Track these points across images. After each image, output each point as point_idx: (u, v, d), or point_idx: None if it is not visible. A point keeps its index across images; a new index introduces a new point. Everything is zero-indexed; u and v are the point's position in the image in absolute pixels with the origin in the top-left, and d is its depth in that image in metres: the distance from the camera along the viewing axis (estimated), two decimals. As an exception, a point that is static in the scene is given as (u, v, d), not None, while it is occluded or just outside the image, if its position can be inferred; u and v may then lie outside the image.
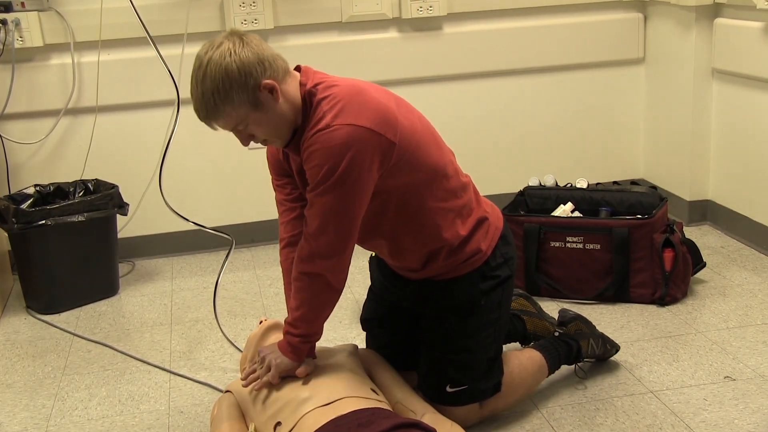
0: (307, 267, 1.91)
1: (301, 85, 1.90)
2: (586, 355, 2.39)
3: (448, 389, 2.09)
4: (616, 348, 2.47)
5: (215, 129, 1.92)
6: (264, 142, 1.93)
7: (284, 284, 2.12)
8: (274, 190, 2.12)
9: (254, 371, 2.02)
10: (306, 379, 1.97)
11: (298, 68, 1.95)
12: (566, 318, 2.46)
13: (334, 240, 1.87)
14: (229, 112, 1.83)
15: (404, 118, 1.90)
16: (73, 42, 3.29)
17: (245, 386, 2.01)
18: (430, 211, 1.97)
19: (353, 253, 1.94)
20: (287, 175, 2.05)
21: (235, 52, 1.80)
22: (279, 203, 2.11)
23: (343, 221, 1.86)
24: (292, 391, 1.94)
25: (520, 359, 2.24)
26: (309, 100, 1.88)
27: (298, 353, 1.97)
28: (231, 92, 1.80)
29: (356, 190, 1.83)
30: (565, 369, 2.40)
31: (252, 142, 1.93)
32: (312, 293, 1.94)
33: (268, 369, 1.97)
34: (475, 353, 2.09)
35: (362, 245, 2.09)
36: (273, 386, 1.98)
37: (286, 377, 1.99)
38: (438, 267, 2.04)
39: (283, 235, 2.10)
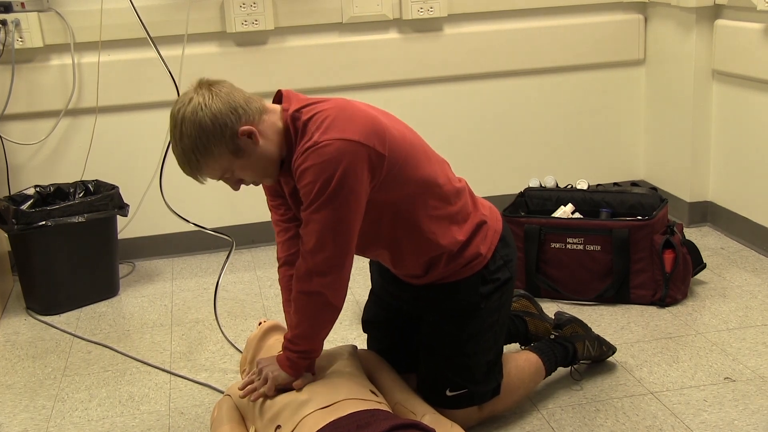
0: (306, 286, 1.89)
1: (284, 111, 1.89)
2: (582, 357, 2.39)
3: (448, 393, 2.09)
4: (612, 350, 2.47)
5: (203, 183, 1.92)
6: (255, 184, 1.94)
7: (283, 301, 2.12)
8: (270, 211, 2.12)
9: (251, 382, 2.01)
10: (305, 382, 1.98)
11: (279, 94, 1.94)
12: (562, 321, 2.46)
13: (331, 256, 1.86)
14: (212, 164, 1.84)
15: (393, 128, 1.90)
16: (73, 43, 3.28)
17: (242, 396, 2.01)
18: (423, 220, 1.96)
19: (355, 258, 1.93)
20: (281, 195, 2.05)
21: (205, 105, 1.80)
22: (275, 223, 2.11)
23: (339, 236, 1.84)
24: (291, 393, 1.93)
25: (518, 361, 2.24)
26: (294, 124, 1.87)
27: (297, 369, 1.96)
28: (210, 146, 1.81)
29: (350, 204, 1.82)
30: (563, 370, 2.40)
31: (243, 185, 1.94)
32: (311, 312, 1.92)
33: (265, 381, 1.97)
34: (474, 356, 2.09)
35: (364, 255, 2.08)
36: None
37: None
38: (439, 272, 2.04)
39: (280, 255, 2.11)
